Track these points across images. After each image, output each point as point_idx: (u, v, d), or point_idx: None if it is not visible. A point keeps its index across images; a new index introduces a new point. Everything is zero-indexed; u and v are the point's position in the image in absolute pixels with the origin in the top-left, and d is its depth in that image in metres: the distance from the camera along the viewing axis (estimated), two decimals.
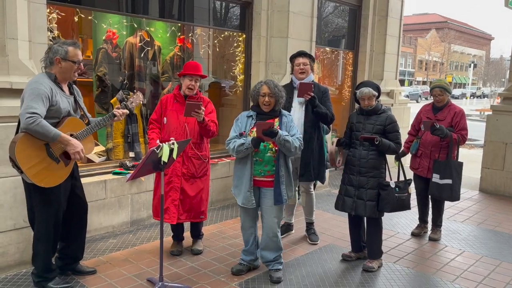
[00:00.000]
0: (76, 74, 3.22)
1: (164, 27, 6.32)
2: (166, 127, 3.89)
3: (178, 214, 3.89)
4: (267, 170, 3.50)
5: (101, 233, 4.47)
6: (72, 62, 3.13)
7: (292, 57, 4.40)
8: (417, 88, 45.11)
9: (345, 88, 8.59)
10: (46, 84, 3.03)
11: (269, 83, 3.53)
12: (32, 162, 2.98)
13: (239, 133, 3.53)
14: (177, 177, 3.88)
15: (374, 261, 3.95)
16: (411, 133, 4.89)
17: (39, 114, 2.90)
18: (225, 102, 6.85)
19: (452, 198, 4.44)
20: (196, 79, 3.87)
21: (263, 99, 3.52)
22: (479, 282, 3.79)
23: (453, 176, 4.36)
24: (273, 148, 3.47)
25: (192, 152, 3.90)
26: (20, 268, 3.62)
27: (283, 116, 3.60)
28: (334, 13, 8.20)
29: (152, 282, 3.46)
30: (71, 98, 3.25)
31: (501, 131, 6.84)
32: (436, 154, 4.54)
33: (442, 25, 62.78)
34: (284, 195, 3.50)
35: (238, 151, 3.43)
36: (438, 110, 4.63)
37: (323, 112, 4.15)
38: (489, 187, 6.99)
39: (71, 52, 3.12)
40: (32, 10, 3.77)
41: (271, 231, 3.60)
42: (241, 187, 3.54)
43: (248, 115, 3.61)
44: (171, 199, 3.88)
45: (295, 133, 3.53)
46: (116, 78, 5.94)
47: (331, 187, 6.77)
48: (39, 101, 2.94)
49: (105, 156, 5.22)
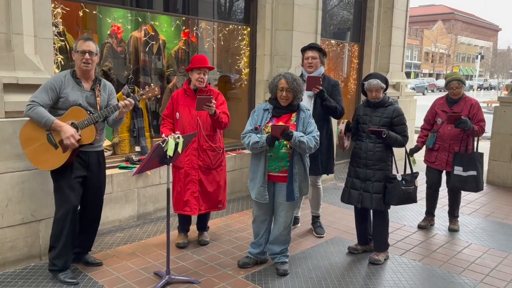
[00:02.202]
0: (83, 64, 3.27)
1: (168, 21, 6.31)
2: (180, 122, 3.93)
3: (199, 205, 3.97)
4: (282, 165, 3.47)
5: (108, 227, 4.50)
6: (79, 53, 3.27)
7: (303, 50, 4.38)
8: (423, 81, 44.81)
9: (351, 80, 8.53)
10: (58, 77, 3.28)
11: (287, 77, 3.45)
12: (33, 145, 3.23)
13: (254, 127, 3.49)
14: (194, 169, 3.93)
15: (380, 254, 3.94)
16: (425, 127, 4.83)
17: (37, 102, 3.16)
18: (230, 96, 6.84)
19: (477, 189, 4.47)
20: (204, 71, 3.89)
21: (280, 93, 3.45)
22: (486, 275, 3.78)
23: (477, 167, 4.39)
24: (287, 144, 3.42)
25: (206, 145, 3.94)
26: (29, 262, 3.65)
27: (301, 111, 3.52)
28: (339, 5, 8.14)
29: (159, 275, 3.48)
30: (89, 93, 3.35)
31: (509, 123, 6.78)
32: (456, 147, 4.51)
33: (448, 16, 62.11)
34: (296, 192, 3.46)
35: (253, 148, 3.40)
36: (454, 103, 4.59)
37: (332, 106, 4.13)
38: (496, 179, 6.95)
39: (79, 44, 3.29)
40: (37, 5, 3.78)
41: (283, 226, 3.60)
42: (255, 181, 3.53)
43: (265, 108, 3.55)
44: (191, 192, 3.94)
45: (312, 130, 3.46)
46: (121, 73, 5.95)
47: (337, 180, 6.76)
48: (43, 91, 3.21)
49: (111, 151, 5.24)
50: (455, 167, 4.42)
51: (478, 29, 68.77)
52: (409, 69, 52.66)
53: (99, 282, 3.38)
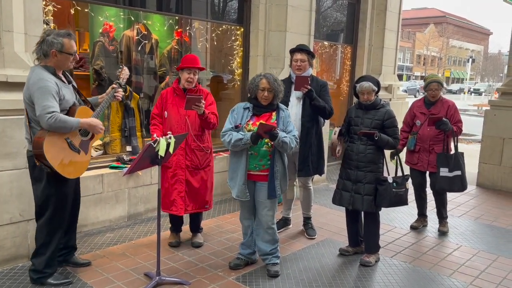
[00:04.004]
0: (71, 64, 3.22)
1: (161, 20, 6.27)
2: (167, 121, 3.91)
3: (185, 205, 3.96)
4: (262, 164, 3.50)
5: (98, 227, 4.46)
6: (68, 54, 3.12)
7: (292, 51, 4.38)
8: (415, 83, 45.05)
9: (343, 82, 8.56)
10: (51, 79, 3.04)
11: (268, 77, 3.49)
12: (60, 157, 3.07)
13: (234, 125, 3.50)
14: (182, 169, 3.92)
15: (371, 256, 3.95)
16: (404, 129, 4.86)
17: (56, 111, 2.97)
18: (223, 96, 6.82)
19: (462, 188, 4.52)
20: (194, 72, 3.87)
21: (262, 93, 3.49)
22: (476, 277, 3.80)
23: (461, 167, 4.45)
24: (268, 142, 3.46)
25: (194, 144, 3.93)
26: (17, 262, 3.61)
27: (280, 110, 3.58)
28: (333, 7, 8.17)
29: (149, 276, 3.46)
30: (70, 86, 3.28)
31: (499, 126, 6.84)
32: (437, 148, 4.56)
33: (440, 19, 62.62)
34: (277, 189, 3.50)
35: (235, 145, 3.41)
36: (431, 104, 4.66)
37: (321, 106, 4.13)
38: (486, 182, 7.00)
39: (67, 44, 3.10)
40: (28, 3, 3.72)
41: (265, 224, 3.60)
42: (236, 180, 3.54)
43: (245, 107, 3.58)
44: (177, 191, 3.93)
45: (291, 130, 3.52)
46: (113, 72, 5.89)
47: (329, 181, 6.77)
48: (50, 98, 2.98)
49: (102, 150, 5.19)
50: (441, 169, 4.45)
51: (469, 32, 69.41)
52: (401, 71, 52.93)
53: (88, 283, 3.35)
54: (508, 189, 6.77)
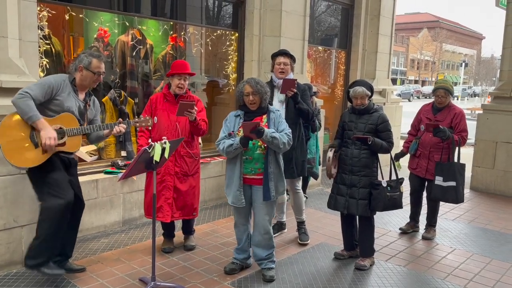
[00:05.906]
0: (94, 84, 3.42)
1: (156, 25, 6.28)
2: (157, 127, 3.89)
3: (171, 212, 3.93)
4: (258, 167, 3.51)
5: (92, 233, 4.44)
6: (92, 73, 3.33)
7: (274, 55, 4.41)
8: (409, 87, 45.35)
9: (338, 87, 8.61)
10: (59, 79, 3.26)
11: (250, 81, 3.54)
12: (11, 137, 3.10)
13: (227, 134, 3.53)
14: (170, 176, 3.90)
15: (366, 259, 3.96)
16: (411, 133, 4.85)
17: (31, 95, 3.07)
18: (218, 101, 6.84)
19: (457, 201, 4.41)
20: (185, 77, 3.89)
21: (247, 98, 3.52)
22: (469, 280, 3.83)
23: (456, 178, 4.34)
24: (262, 145, 3.48)
25: (184, 151, 3.92)
26: (11, 268, 3.59)
27: (271, 112, 3.60)
28: (327, 12, 8.22)
29: (144, 282, 3.45)
30: (81, 103, 3.40)
31: (492, 130, 6.90)
32: (436, 156, 4.52)
33: (433, 24, 63.12)
34: (272, 192, 3.51)
35: (228, 151, 3.44)
36: (438, 110, 4.61)
37: (305, 109, 4.18)
38: (480, 186, 7.05)
39: (94, 63, 3.33)
40: (22, 8, 3.73)
41: (262, 229, 3.61)
42: (231, 186, 3.55)
43: (236, 115, 3.62)
44: (165, 198, 3.91)
45: (284, 129, 3.53)
46: (108, 77, 5.89)
47: (323, 185, 6.79)
48: (39, 87, 3.14)
49: (96, 155, 5.18)
50: (436, 177, 4.41)
51: (462, 37, 69.98)
52: (395, 75, 53.23)
53: None
54: (501, 192, 6.82)
